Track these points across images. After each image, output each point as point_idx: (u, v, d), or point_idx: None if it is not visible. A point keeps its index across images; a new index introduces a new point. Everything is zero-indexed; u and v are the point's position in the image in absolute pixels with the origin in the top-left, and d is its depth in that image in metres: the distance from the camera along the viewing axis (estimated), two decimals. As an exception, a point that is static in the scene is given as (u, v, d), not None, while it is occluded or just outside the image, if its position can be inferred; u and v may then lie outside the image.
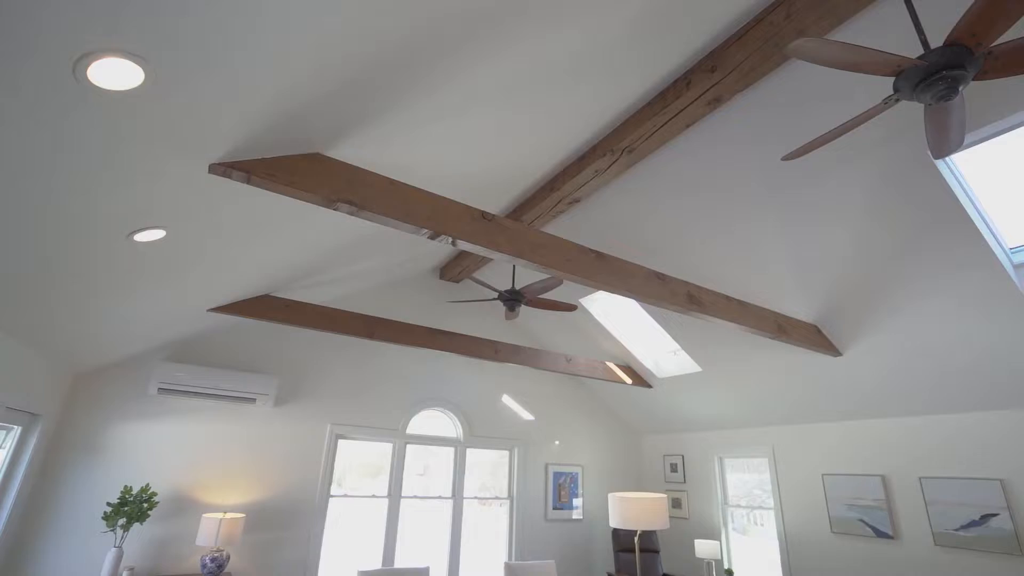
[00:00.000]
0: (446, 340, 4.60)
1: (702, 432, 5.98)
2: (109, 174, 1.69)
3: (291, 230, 2.88)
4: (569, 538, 5.72)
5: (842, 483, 4.53)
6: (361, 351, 5.11)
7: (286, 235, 2.93)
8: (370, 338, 4.21)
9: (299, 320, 3.95)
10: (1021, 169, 3.09)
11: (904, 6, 2.33)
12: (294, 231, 2.92)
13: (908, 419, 4.23)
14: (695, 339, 4.86)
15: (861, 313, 3.74)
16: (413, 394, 5.27)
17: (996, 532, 3.62)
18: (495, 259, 2.49)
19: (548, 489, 5.76)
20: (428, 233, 2.26)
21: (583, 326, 5.63)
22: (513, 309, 4.35)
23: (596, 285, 2.79)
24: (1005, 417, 3.74)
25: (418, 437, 5.20)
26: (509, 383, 5.96)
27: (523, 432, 5.87)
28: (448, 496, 5.22)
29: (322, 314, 4.04)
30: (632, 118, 3.27)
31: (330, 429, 4.70)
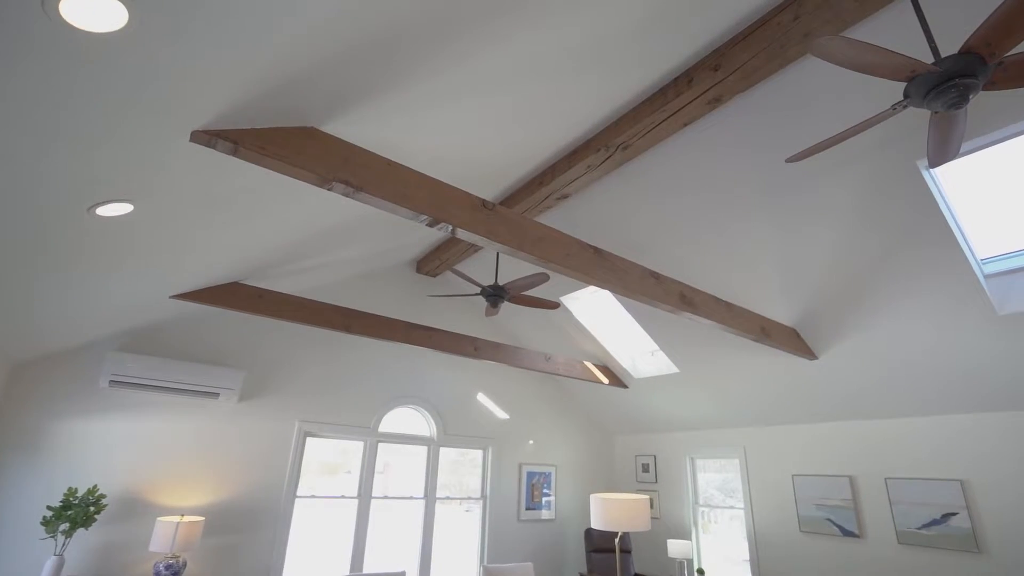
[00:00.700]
0: (425, 336, 4.44)
1: (675, 432, 6.04)
2: (75, 133, 1.48)
3: (272, 211, 2.68)
4: (541, 538, 5.66)
5: (811, 484, 4.64)
6: (334, 345, 4.88)
7: (266, 217, 2.72)
8: (347, 331, 4.01)
9: (272, 311, 3.71)
10: (992, 182, 3.21)
11: (908, 15, 2.35)
12: (275, 213, 2.71)
13: (876, 422, 4.38)
14: (674, 340, 4.88)
15: (838, 318, 3.83)
16: (386, 391, 5.08)
17: (955, 531, 3.78)
18: (495, 250, 2.38)
19: (521, 489, 5.68)
20: (427, 220, 2.12)
21: (562, 325, 5.58)
22: (496, 305, 4.24)
23: (594, 282, 2.71)
24: (966, 420, 3.91)
25: (390, 435, 5.01)
26: (484, 381, 5.85)
27: (497, 431, 5.77)
28: (420, 496, 5.06)
29: (297, 305, 3.82)
30: (629, 114, 3.22)
31: (298, 427, 4.46)
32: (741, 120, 3.07)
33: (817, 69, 2.72)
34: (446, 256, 5.19)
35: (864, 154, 2.99)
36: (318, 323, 3.88)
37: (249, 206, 2.49)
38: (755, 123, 3.06)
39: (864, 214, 3.22)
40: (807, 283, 3.73)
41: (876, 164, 2.99)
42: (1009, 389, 3.59)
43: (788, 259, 3.66)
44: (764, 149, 3.16)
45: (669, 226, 3.91)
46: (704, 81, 2.81)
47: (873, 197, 3.13)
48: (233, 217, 2.53)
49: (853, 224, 3.30)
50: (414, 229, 4.41)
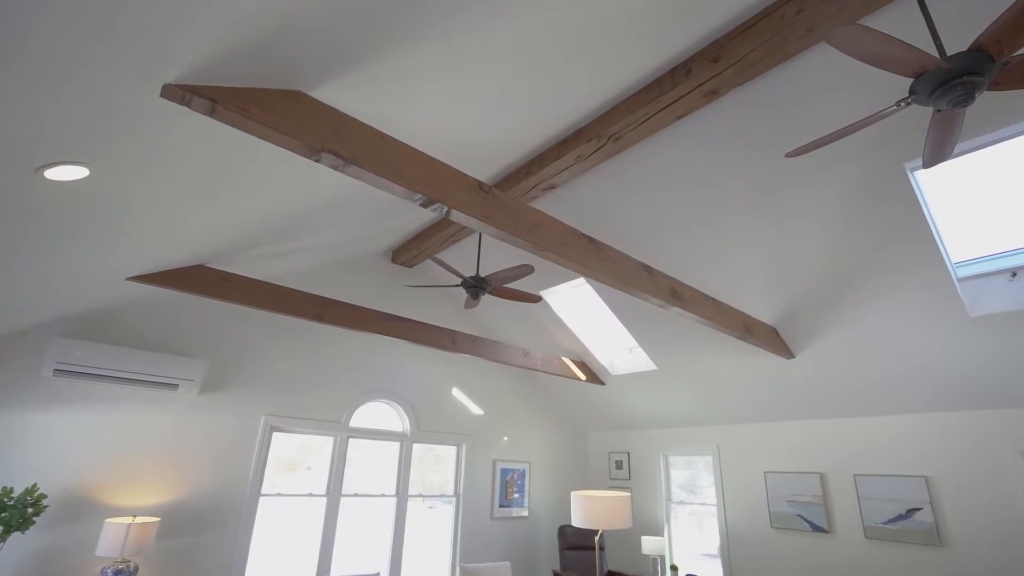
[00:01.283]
0: (402, 327, 4.27)
1: (649, 430, 6.06)
2: (23, 77, 1.28)
3: (246, 187, 2.47)
4: (514, 536, 5.58)
5: (783, 480, 4.72)
6: (304, 335, 4.65)
7: (239, 193, 2.51)
8: (320, 321, 3.79)
9: (239, 297, 3.47)
10: (965, 187, 3.30)
11: (911, 13, 2.35)
12: (250, 189, 2.51)
13: (846, 420, 4.48)
14: (654, 337, 4.87)
15: (817, 317, 3.88)
16: (359, 385, 4.88)
17: (919, 525, 3.90)
18: (489, 236, 2.25)
19: (495, 486, 5.58)
20: (421, 199, 1.98)
21: (541, 320, 5.50)
22: (476, 297, 4.11)
23: (589, 273, 2.62)
24: (932, 419, 4.04)
25: (362, 431, 4.82)
26: (459, 376, 5.71)
27: (472, 427, 5.64)
28: (391, 494, 4.89)
29: (267, 292, 3.58)
30: (624, 103, 3.14)
31: (264, 421, 4.21)
32: (735, 115, 3.05)
33: (814, 66, 2.70)
34: (424, 246, 5.02)
35: (854, 155, 3.01)
36: (289, 311, 3.65)
37: (222, 179, 2.28)
38: (749, 118, 3.03)
39: (850, 215, 3.26)
40: (789, 282, 3.76)
41: (865, 165, 3.02)
42: (973, 389, 3.72)
43: (773, 257, 3.68)
44: (756, 145, 3.14)
45: (656, 220, 3.87)
46: (703, 73, 2.76)
47: (860, 198, 3.16)
48: (203, 191, 2.32)
49: (838, 224, 3.34)
50: (393, 214, 4.23)
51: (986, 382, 3.62)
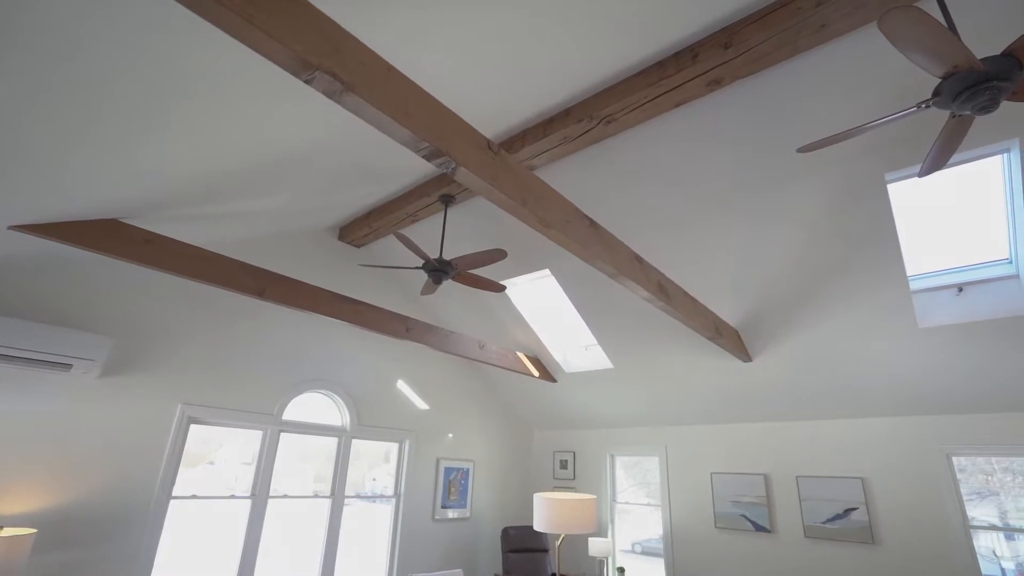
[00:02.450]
0: (353, 310, 3.84)
1: (597, 429, 6.00)
2: None
3: (181, 125, 2.00)
4: (455, 539, 5.28)
5: (729, 481, 4.81)
6: (235, 314, 4.06)
7: (170, 132, 2.03)
8: (260, 297, 3.29)
9: (162, 262, 2.90)
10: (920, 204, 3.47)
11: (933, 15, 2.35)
12: (184, 128, 2.04)
13: (792, 423, 4.64)
14: (614, 336, 4.78)
15: (779, 322, 3.94)
16: (295, 373, 4.36)
17: (855, 524, 4.09)
18: (495, 202, 1.97)
19: (438, 486, 5.25)
20: (427, 149, 1.66)
21: (496, 312, 5.24)
22: (438, 282, 3.79)
23: (587, 256, 2.41)
24: (870, 424, 4.26)
25: (296, 425, 4.30)
26: (405, 367, 5.32)
27: (416, 423, 5.27)
28: (326, 495, 4.41)
29: (198, 259, 3.03)
30: (622, 84, 2.97)
31: (181, 411, 3.61)
32: (732, 108, 2.97)
33: (814, 67, 2.67)
34: (377, 224, 4.59)
35: (837, 163, 3.04)
36: (224, 283, 3.13)
37: (151, 110, 1.81)
38: (745, 113, 2.97)
39: (825, 221, 3.30)
40: (758, 284, 3.79)
41: (846, 173, 3.06)
42: (911, 396, 3.95)
43: (746, 259, 3.68)
44: (747, 142, 3.09)
45: (634, 211, 3.74)
46: (711, 59, 2.64)
47: (837, 205, 3.21)
48: (123, 120, 1.83)
49: (813, 230, 3.38)
50: (349, 184, 3.79)
51: (925, 390, 3.86)
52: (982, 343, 3.44)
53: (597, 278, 4.34)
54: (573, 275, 4.42)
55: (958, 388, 3.73)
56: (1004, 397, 3.66)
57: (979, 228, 3.41)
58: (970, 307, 3.39)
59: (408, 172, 3.82)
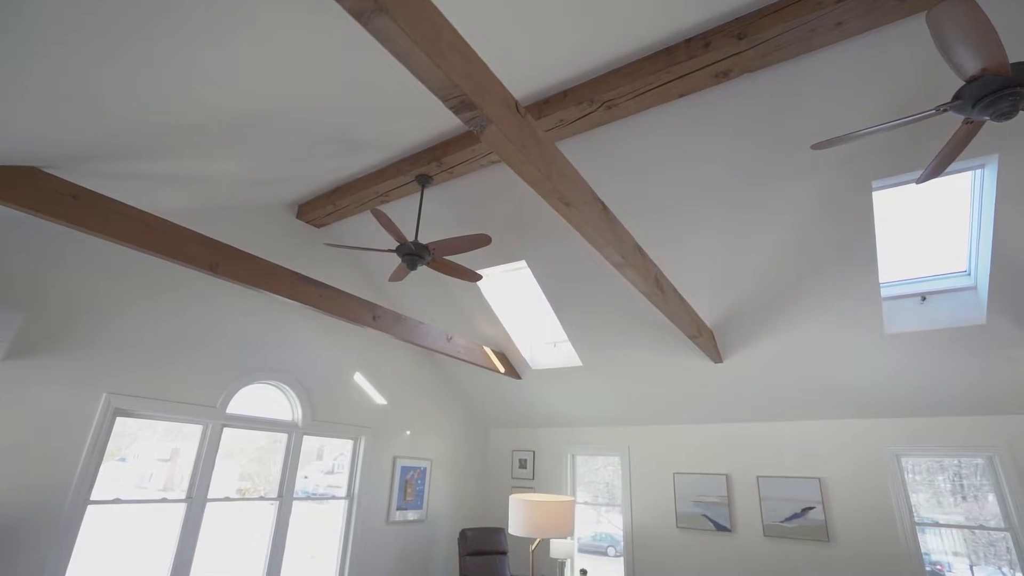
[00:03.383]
0: (316, 294, 3.48)
1: (558, 428, 5.89)
2: None
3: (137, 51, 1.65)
4: (409, 541, 4.98)
5: (691, 481, 4.84)
6: (175, 292, 3.58)
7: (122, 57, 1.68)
8: (213, 273, 2.88)
9: (95, 224, 2.45)
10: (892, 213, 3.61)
11: None
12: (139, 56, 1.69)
13: (754, 424, 4.73)
14: (584, 333, 4.67)
15: (754, 323, 3.98)
16: (242, 361, 3.91)
17: (812, 523, 4.22)
18: (516, 172, 1.76)
19: (394, 486, 4.93)
20: (458, 98, 1.43)
21: (464, 304, 5.00)
22: (413, 267, 3.52)
23: (599, 242, 2.26)
24: (827, 426, 4.41)
25: (241, 419, 3.87)
26: (364, 359, 4.96)
27: (373, 419, 4.93)
28: (273, 497, 4.00)
29: (142, 224, 2.60)
30: (627, 68, 2.85)
31: (106, 402, 3.11)
32: (731, 103, 2.91)
33: (821, 68, 2.65)
34: (342, 203, 4.23)
35: (826, 167, 3.07)
36: (170, 254, 2.70)
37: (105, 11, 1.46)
38: (745, 109, 2.92)
39: (809, 226, 3.34)
40: (738, 285, 3.80)
41: (834, 179, 3.10)
42: (869, 399, 4.11)
43: (728, 258, 3.68)
44: (742, 139, 3.05)
45: (621, 204, 3.64)
46: (723, 48, 2.57)
47: (822, 210, 3.25)
48: (59, 20, 1.47)
49: (796, 233, 3.41)
50: (321, 155, 3.44)
51: (882, 393, 4.03)
52: (939, 350, 3.62)
53: (574, 272, 4.21)
54: (550, 268, 4.27)
55: (912, 392, 3.93)
56: (952, 402, 3.89)
57: (941, 240, 3.59)
58: (932, 315, 3.56)
59: (386, 147, 3.51)
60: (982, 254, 3.26)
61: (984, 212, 3.09)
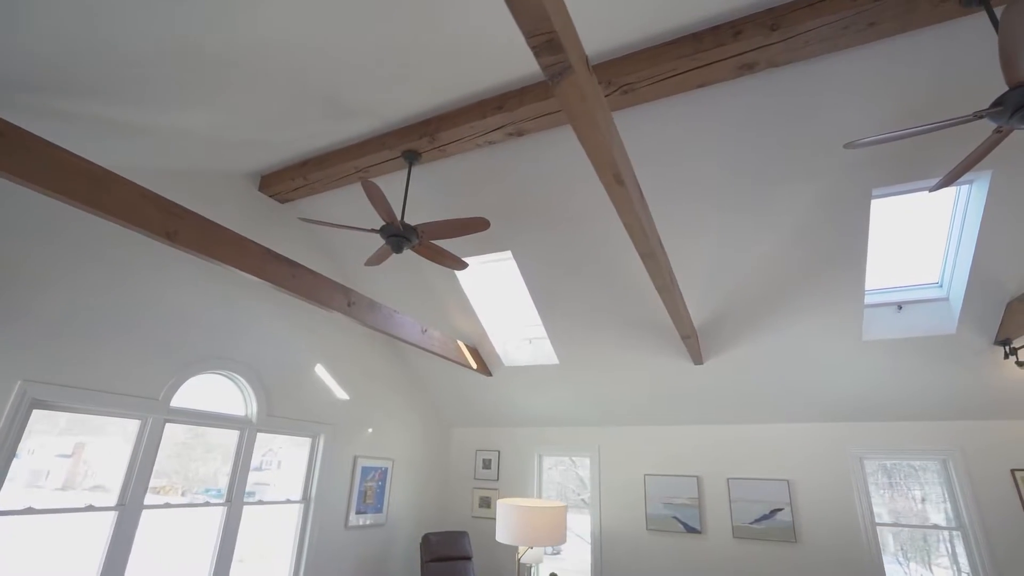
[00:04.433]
0: (289, 273, 3.09)
1: (525, 428, 5.71)
2: None
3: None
4: (368, 548, 4.62)
5: (662, 483, 4.81)
6: (112, 262, 3.06)
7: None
8: (169, 241, 2.44)
9: (21, 169, 1.97)
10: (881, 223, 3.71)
11: (975, 35, 2.37)
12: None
13: (726, 427, 4.77)
14: (564, 330, 4.52)
15: (740, 325, 3.99)
16: (191, 347, 3.43)
17: (780, 524, 4.30)
18: (588, 146, 1.54)
19: (354, 488, 4.55)
20: (546, 36, 1.20)
21: (439, 294, 4.71)
22: (398, 250, 3.22)
23: (637, 228, 2.08)
24: (795, 429, 4.52)
25: (187, 413, 3.38)
26: (326, 349, 4.54)
27: (334, 415, 4.53)
28: (220, 502, 3.54)
29: (82, 173, 2.13)
30: (649, 51, 2.70)
31: (20, 391, 2.58)
32: (747, 98, 2.84)
33: (844, 70, 2.62)
34: (314, 176, 3.82)
35: (830, 172, 3.07)
36: (120, 216, 2.25)
37: None
38: (759, 106, 2.86)
39: (805, 230, 3.35)
40: (728, 286, 3.78)
41: (836, 185, 3.11)
42: (839, 403, 4.24)
43: (720, 261, 3.64)
44: (752, 137, 2.99)
45: (607, 201, 3.49)
46: (754, 38, 2.48)
47: (820, 216, 3.26)
48: None
49: (791, 238, 3.41)
50: (305, 114, 3.06)
51: (852, 398, 4.15)
52: (910, 357, 3.76)
53: (561, 266, 4.04)
54: (537, 261, 4.08)
55: (880, 397, 4.08)
56: (914, 407, 4.07)
57: (915, 251, 3.73)
58: (906, 324, 3.70)
59: (375, 115, 3.18)
60: (959, 268, 3.40)
61: (967, 227, 3.22)
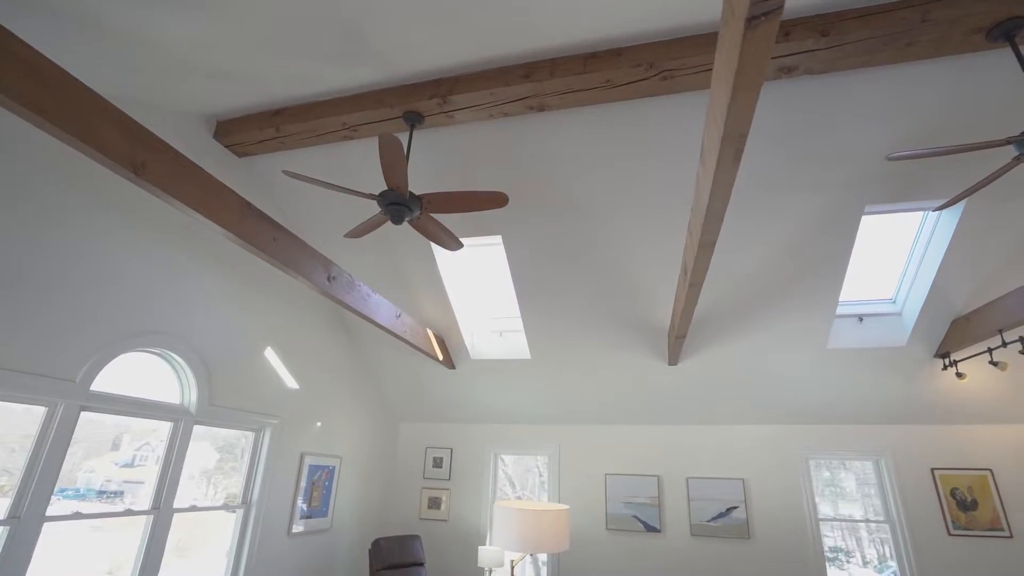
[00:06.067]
0: (270, 235, 2.59)
1: (482, 424, 5.45)
2: None
3: None
4: (311, 557, 4.10)
5: (623, 483, 4.81)
6: (14, 206, 2.36)
7: None
8: (133, 175, 1.90)
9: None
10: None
11: (997, 70, 2.54)
12: None
13: (687, 427, 4.88)
14: (542, 324, 4.35)
15: (717, 328, 4.07)
16: (120, 319, 2.77)
17: (735, 521, 4.46)
18: (747, 107, 1.36)
19: (299, 489, 4.01)
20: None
21: (411, 278, 4.32)
22: (398, 220, 2.86)
23: (716, 213, 1.95)
24: (752, 430, 4.73)
25: (109, 399, 2.72)
26: (276, 330, 3.97)
27: (282, 406, 3.96)
28: (146, 509, 2.90)
29: (33, 71, 1.57)
30: (696, 38, 2.62)
31: None
32: (773, 102, 2.86)
33: (867, 87, 2.72)
34: (291, 129, 3.30)
35: (829, 186, 3.19)
36: (73, 131, 1.69)
37: None
38: (780, 112, 2.89)
39: (797, 240, 3.48)
40: (714, 289, 3.83)
41: (833, 199, 3.24)
42: (795, 406, 4.50)
43: (717, 263, 3.67)
44: (760, 147, 3.02)
45: (622, 189, 3.38)
46: (802, 41, 2.48)
47: (813, 227, 3.39)
48: None
49: (780, 246, 3.53)
50: (308, 48, 2.59)
51: (808, 402, 4.42)
52: (863, 366, 4.07)
53: (550, 256, 3.86)
54: (527, 248, 3.86)
55: (832, 402, 4.38)
56: (859, 411, 4.42)
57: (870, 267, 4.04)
58: (864, 336, 3.99)
59: (388, 63, 2.78)
60: (917, 286, 3.73)
61: (931, 250, 3.52)
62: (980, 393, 4.08)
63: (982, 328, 3.47)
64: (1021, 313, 3.15)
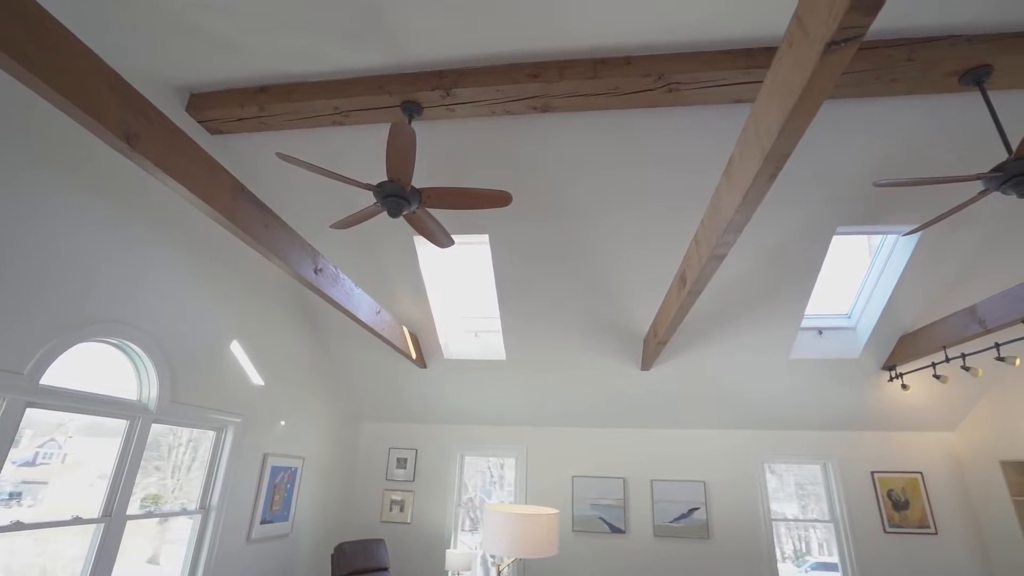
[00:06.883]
0: (261, 221, 2.40)
1: (448, 425, 5.35)
2: None
3: None
4: (271, 563, 3.85)
5: (589, 485, 4.87)
6: (-14, 168, 2.06)
7: None
8: (125, 146, 1.70)
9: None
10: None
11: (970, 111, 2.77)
12: None
13: (651, 430, 5.01)
14: (520, 325, 4.33)
15: (688, 335, 4.21)
16: (74, 306, 2.48)
17: (695, 522, 4.64)
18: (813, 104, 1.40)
19: (261, 492, 3.76)
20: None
21: (390, 274, 4.16)
22: (395, 213, 2.76)
23: (744, 216, 2.00)
24: (713, 434, 4.93)
25: (60, 395, 2.43)
26: (243, 323, 3.70)
27: (246, 404, 3.70)
28: (95, 517, 2.60)
29: (14, 16, 1.36)
30: (704, 55, 2.69)
31: None
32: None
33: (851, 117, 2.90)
34: (276, 109, 3.08)
35: (808, 205, 3.38)
36: (64, 92, 1.49)
37: None
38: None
39: (773, 254, 3.66)
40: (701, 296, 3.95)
41: (807, 217, 3.44)
42: (754, 412, 4.73)
43: (697, 273, 3.79)
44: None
45: (611, 193, 3.42)
46: (804, 65, 2.61)
47: (786, 243, 3.58)
48: None
49: (754, 258, 3.69)
50: (300, 21, 2.43)
51: (765, 408, 4.67)
52: (820, 376, 4.35)
53: (535, 258, 3.85)
54: (513, 248, 3.83)
55: (788, 409, 4.65)
56: (811, 419, 4.72)
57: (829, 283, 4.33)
58: (823, 347, 4.26)
59: (397, 47, 2.66)
60: (872, 303, 4.02)
61: (888, 271, 3.81)
62: (918, 403, 4.47)
63: (928, 344, 3.80)
64: (965, 331, 3.47)
